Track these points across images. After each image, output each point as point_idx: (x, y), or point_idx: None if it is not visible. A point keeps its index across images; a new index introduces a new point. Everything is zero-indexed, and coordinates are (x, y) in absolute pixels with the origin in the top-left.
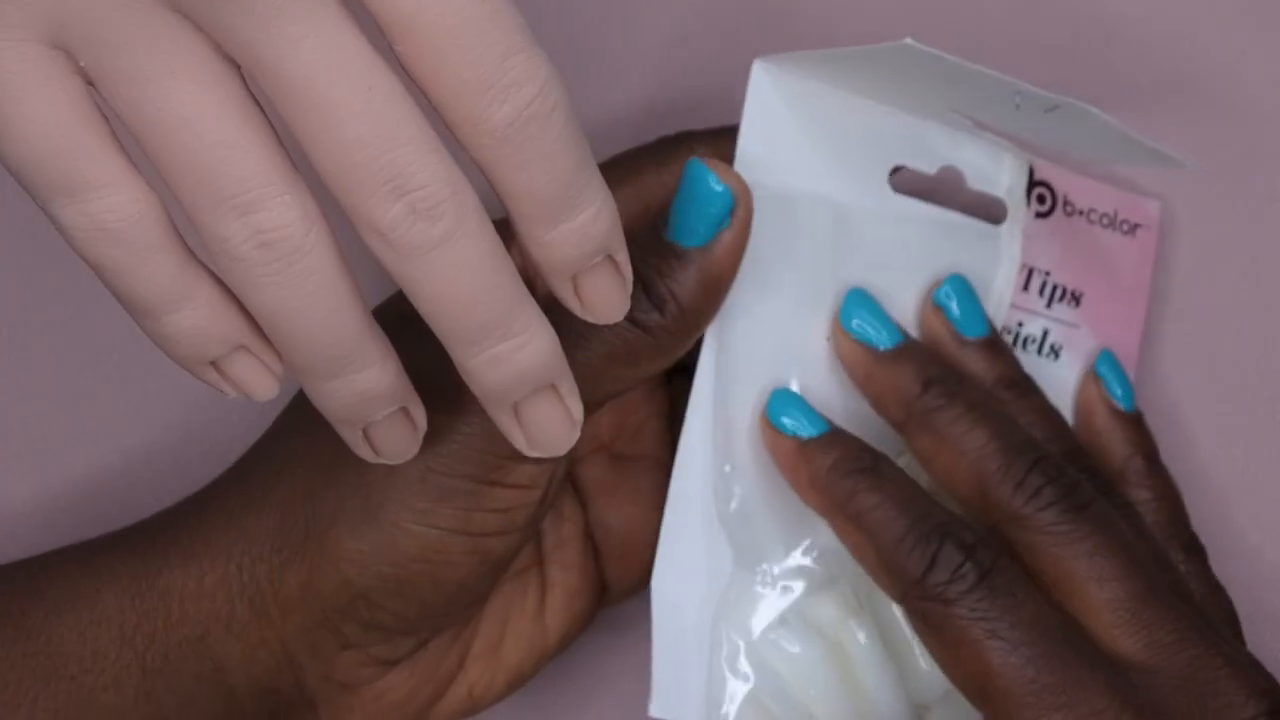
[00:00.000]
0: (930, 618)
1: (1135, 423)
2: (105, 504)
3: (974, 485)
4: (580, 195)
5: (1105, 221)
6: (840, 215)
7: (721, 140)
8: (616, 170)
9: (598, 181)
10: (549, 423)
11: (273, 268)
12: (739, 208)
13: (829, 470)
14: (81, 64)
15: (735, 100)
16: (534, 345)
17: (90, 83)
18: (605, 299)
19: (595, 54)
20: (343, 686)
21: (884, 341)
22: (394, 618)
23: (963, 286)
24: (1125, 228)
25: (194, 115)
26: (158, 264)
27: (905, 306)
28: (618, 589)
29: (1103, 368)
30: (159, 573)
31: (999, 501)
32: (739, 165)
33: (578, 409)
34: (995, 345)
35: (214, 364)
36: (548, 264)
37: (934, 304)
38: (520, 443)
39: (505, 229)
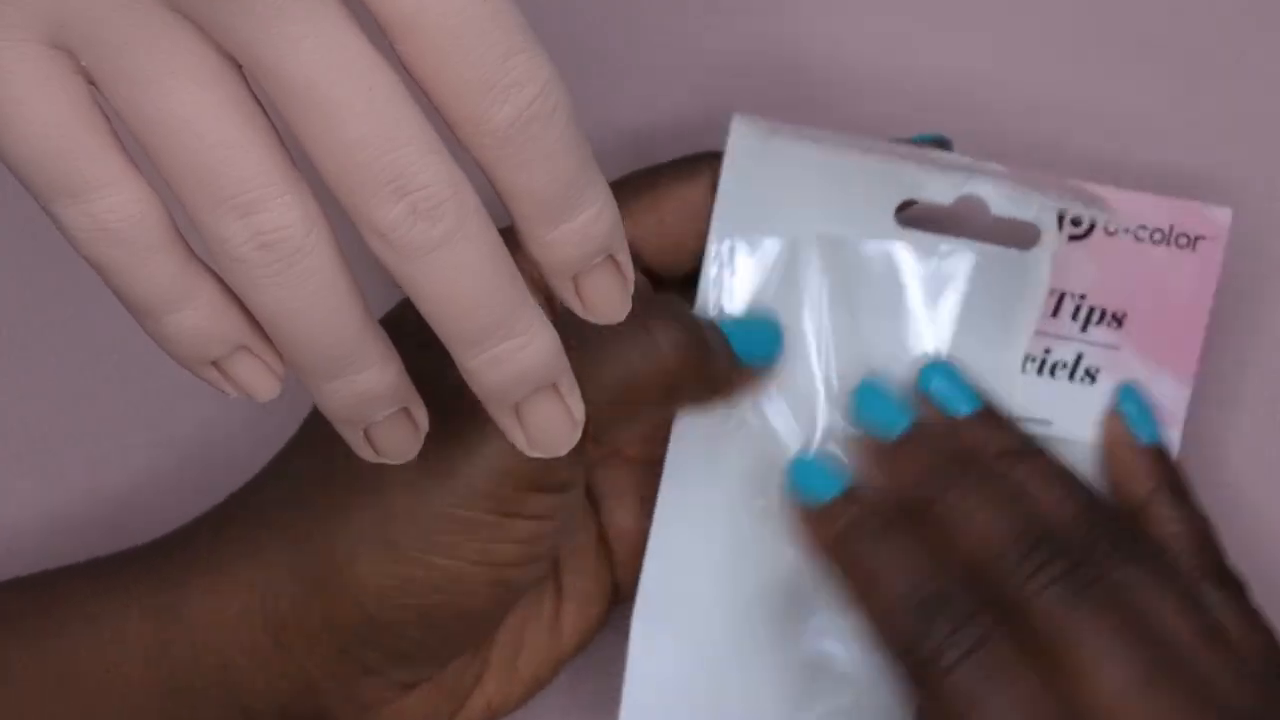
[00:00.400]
0: (924, 683)
1: (1158, 455)
2: (105, 504)
3: (976, 568)
4: (582, 195)
5: (1158, 237)
6: (835, 256)
7: None
8: (634, 183)
9: (599, 181)
10: (550, 423)
11: (273, 268)
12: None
13: (838, 535)
14: (82, 64)
15: (737, 101)
16: (535, 345)
17: (91, 82)
18: (606, 298)
19: (597, 55)
20: (364, 708)
21: (890, 430)
22: (416, 646)
23: (939, 369)
24: (1183, 241)
25: (195, 115)
26: (159, 264)
27: (913, 343)
28: (628, 591)
29: (1125, 404)
30: (182, 602)
31: (1000, 582)
32: (718, 217)
33: (579, 409)
34: (990, 416)
35: (215, 364)
36: (549, 264)
37: (919, 390)
38: (521, 443)
39: (510, 236)
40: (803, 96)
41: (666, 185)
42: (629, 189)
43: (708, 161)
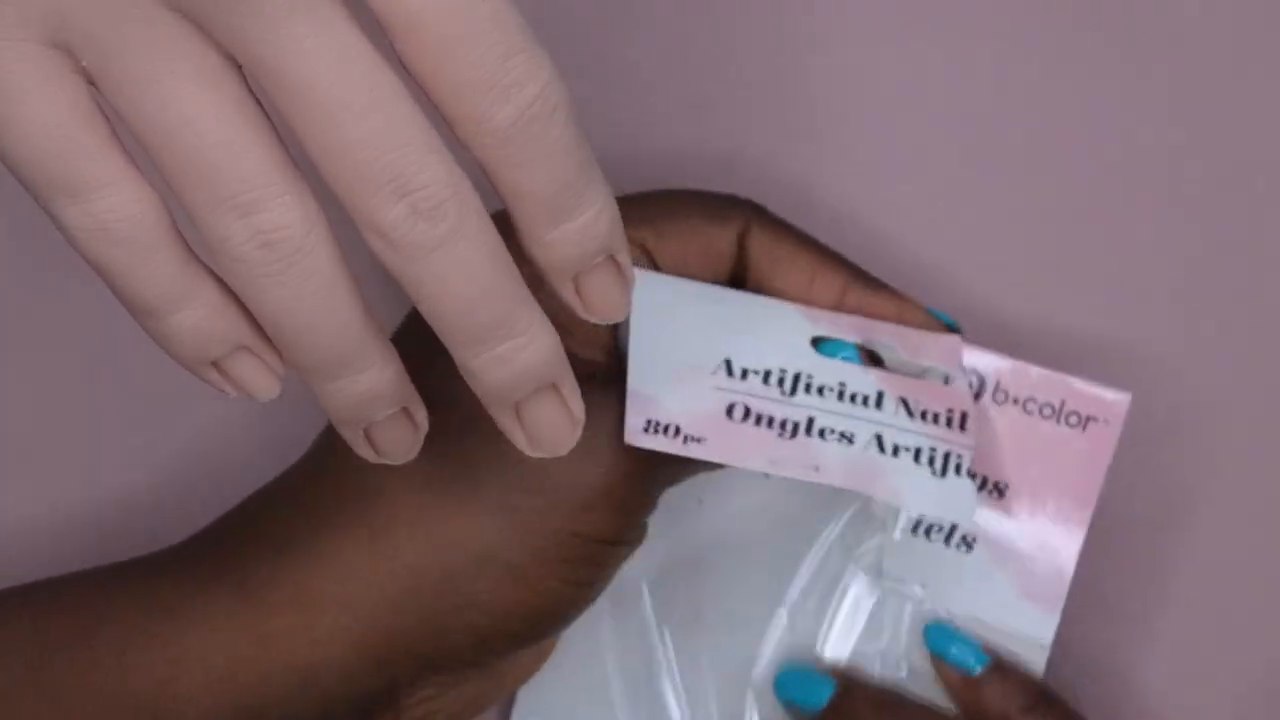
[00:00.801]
0: None
1: (994, 676)
2: (106, 506)
3: None
4: (582, 195)
5: (1047, 412)
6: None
7: (784, 240)
8: (668, 206)
9: (599, 182)
10: (551, 423)
11: (274, 268)
12: None
13: None
14: (82, 64)
15: (737, 100)
16: (536, 345)
17: (91, 82)
18: (606, 299)
19: (597, 54)
20: (430, 698)
21: (815, 705)
22: (503, 653)
23: (780, 682)
24: (1073, 421)
25: (195, 115)
26: (159, 264)
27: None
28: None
29: (937, 645)
30: (259, 619)
31: None
32: None
33: (579, 409)
34: (842, 700)
35: (215, 364)
36: (549, 264)
37: (777, 698)
38: (521, 443)
39: (509, 236)
40: (800, 93)
41: (697, 224)
42: (663, 209)
43: (740, 210)
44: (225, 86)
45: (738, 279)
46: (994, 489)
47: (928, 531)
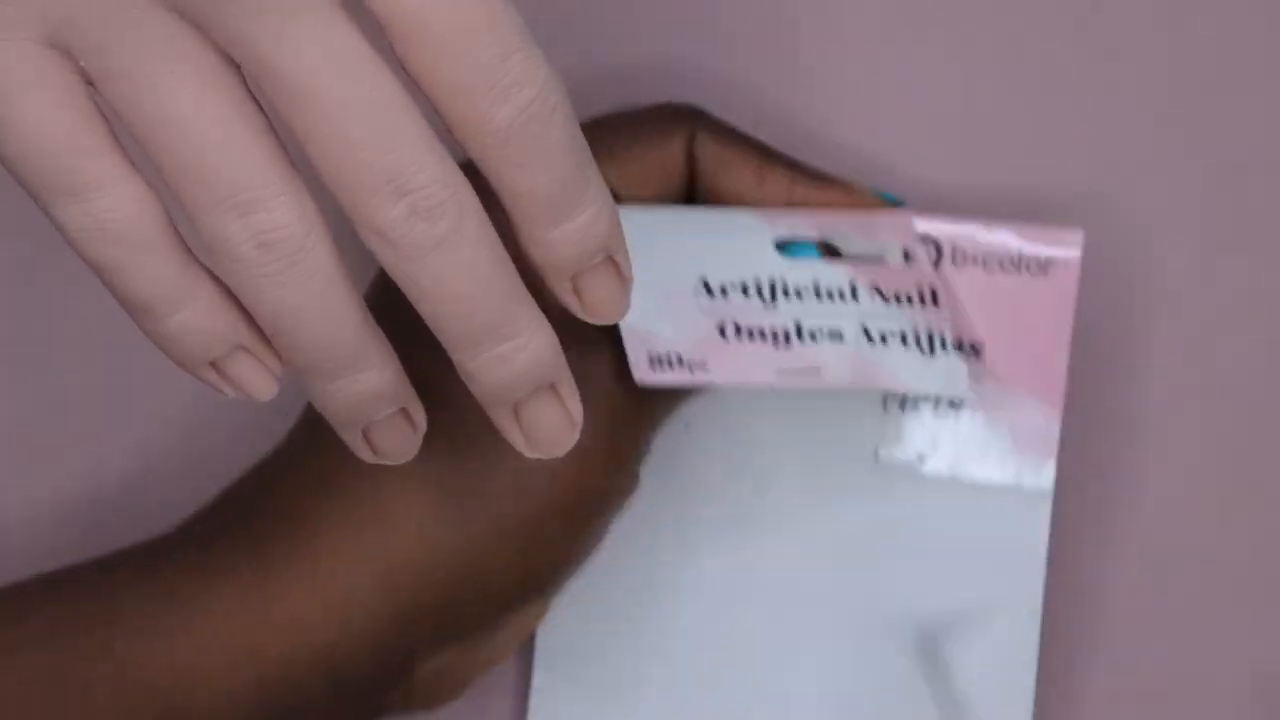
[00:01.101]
0: None
1: None
2: (106, 508)
3: None
4: (581, 195)
5: (1007, 265)
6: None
7: (729, 143)
8: (616, 128)
9: (597, 182)
10: (549, 424)
11: (272, 268)
12: None
13: None
14: (81, 64)
15: (733, 99)
16: (534, 346)
17: (90, 82)
18: (605, 298)
19: (597, 53)
20: (443, 667)
21: None
22: (515, 611)
23: None
24: (1033, 268)
25: (193, 115)
26: (157, 263)
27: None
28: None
29: None
30: (277, 599)
31: None
32: None
33: (577, 410)
34: None
35: (214, 364)
36: (548, 264)
37: None
38: (519, 443)
39: (508, 237)
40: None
41: (651, 143)
42: (617, 137)
43: (685, 118)
44: (224, 87)
45: (688, 185)
46: (970, 350)
47: (916, 403)
